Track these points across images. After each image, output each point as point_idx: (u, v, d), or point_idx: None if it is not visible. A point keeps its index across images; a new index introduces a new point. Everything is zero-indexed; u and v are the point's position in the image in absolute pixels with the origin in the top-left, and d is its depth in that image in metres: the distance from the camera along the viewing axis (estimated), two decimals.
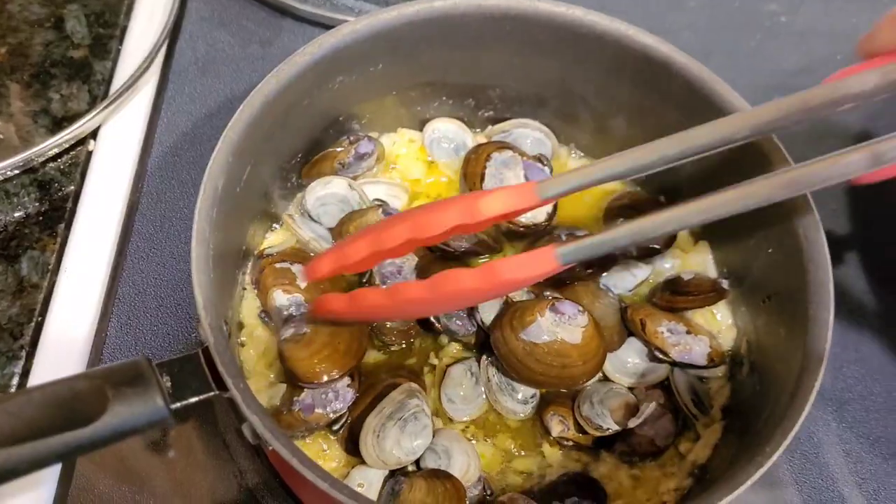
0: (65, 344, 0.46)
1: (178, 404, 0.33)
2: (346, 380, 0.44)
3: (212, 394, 0.34)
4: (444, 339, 0.47)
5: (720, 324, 0.49)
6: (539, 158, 0.52)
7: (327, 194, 0.48)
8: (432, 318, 0.46)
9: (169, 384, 0.33)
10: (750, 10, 0.68)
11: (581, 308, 0.45)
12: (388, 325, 0.46)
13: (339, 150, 0.49)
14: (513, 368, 0.45)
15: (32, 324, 0.46)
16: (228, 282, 0.44)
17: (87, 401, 0.31)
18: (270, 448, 0.34)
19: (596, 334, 0.45)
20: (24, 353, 0.45)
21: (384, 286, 0.46)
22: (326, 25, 0.59)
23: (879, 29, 0.36)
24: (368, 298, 0.38)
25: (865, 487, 0.49)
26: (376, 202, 0.49)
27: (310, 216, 0.49)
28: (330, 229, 0.49)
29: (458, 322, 0.47)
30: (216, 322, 0.35)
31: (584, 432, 0.45)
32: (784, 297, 0.44)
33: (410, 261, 0.47)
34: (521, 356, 0.44)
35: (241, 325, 0.46)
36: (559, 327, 0.44)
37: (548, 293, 0.48)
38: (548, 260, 0.36)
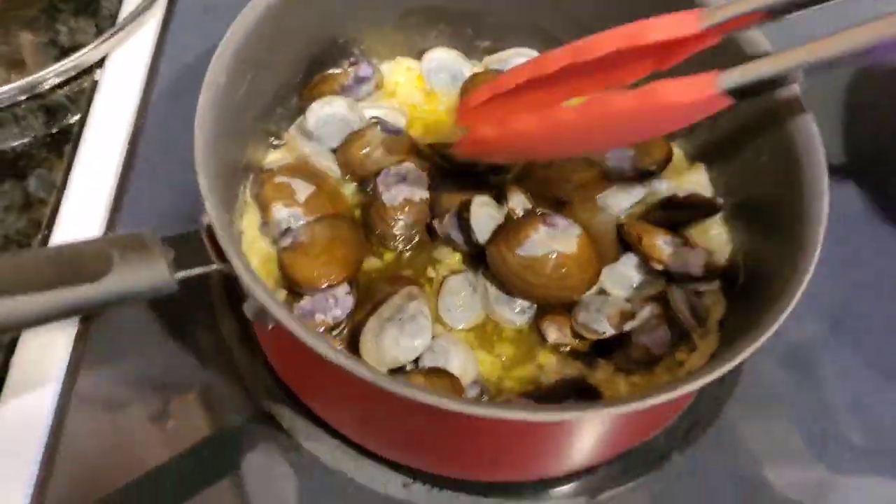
0: None
1: (182, 273, 0.34)
2: (346, 286, 0.44)
3: (214, 266, 0.35)
4: (440, 251, 0.48)
5: (715, 239, 0.50)
6: None
7: (329, 114, 0.49)
8: (435, 223, 0.47)
9: (173, 255, 0.34)
10: None
11: (572, 220, 0.46)
12: (393, 230, 0.47)
13: (338, 72, 0.50)
14: (513, 285, 0.45)
15: (39, 237, 0.47)
16: (230, 194, 0.45)
17: (93, 261, 0.32)
18: (271, 327, 0.35)
19: (590, 243, 0.46)
20: None
21: (387, 192, 0.46)
22: None
23: None
24: (521, 122, 0.36)
25: (861, 405, 0.50)
26: (373, 119, 0.50)
27: (311, 135, 0.50)
28: (331, 149, 0.50)
29: (457, 233, 0.47)
30: (219, 202, 0.36)
31: (581, 338, 0.46)
32: (779, 208, 0.45)
33: (414, 172, 0.48)
34: (519, 272, 0.45)
35: (241, 236, 0.46)
36: (553, 240, 0.45)
37: (539, 210, 0.48)
38: (708, 84, 0.34)
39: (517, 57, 0.54)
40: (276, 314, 0.33)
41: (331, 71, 0.51)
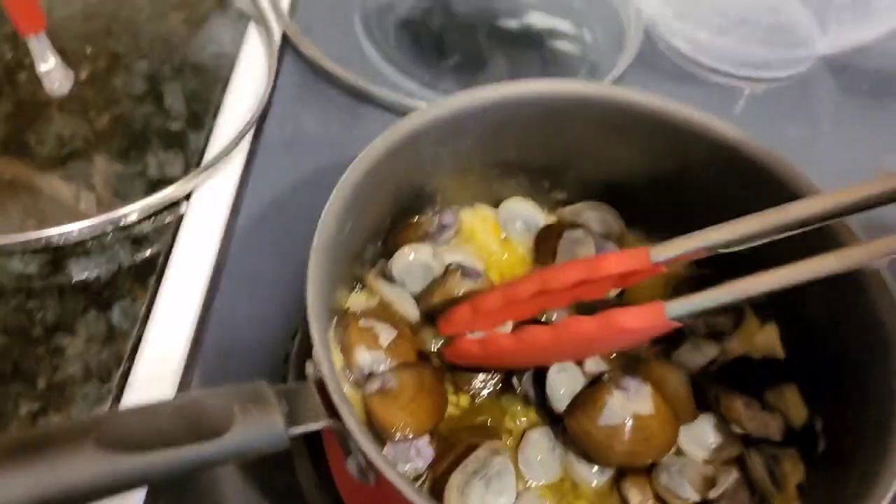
0: (150, 391, 0.47)
1: (295, 429, 0.34)
2: (427, 437, 0.44)
3: (327, 422, 0.35)
4: (515, 405, 0.48)
5: (791, 402, 0.50)
6: (608, 237, 0.54)
7: (413, 261, 0.51)
8: (514, 381, 0.47)
9: (287, 409, 0.34)
10: None
11: (640, 379, 0.46)
12: (475, 376, 0.47)
13: (423, 219, 0.52)
14: (598, 454, 0.45)
15: (121, 369, 0.48)
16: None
17: (216, 415, 0.31)
18: (377, 481, 0.34)
19: (664, 400, 0.46)
20: (111, 398, 0.46)
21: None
22: (403, 113, 0.63)
23: None
24: (499, 343, 0.41)
25: None
26: (453, 264, 0.51)
27: (393, 280, 0.51)
28: (413, 294, 0.51)
29: (534, 394, 0.47)
30: (329, 357, 0.36)
31: (664, 502, 0.45)
32: (858, 368, 0.45)
33: None
34: (604, 441, 0.44)
35: None
36: (629, 402, 0.45)
37: (606, 374, 0.49)
38: (657, 313, 0.39)
39: (590, 210, 0.56)
40: (388, 475, 0.33)
41: (416, 218, 0.52)
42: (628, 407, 0.45)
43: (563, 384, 0.47)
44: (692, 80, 0.75)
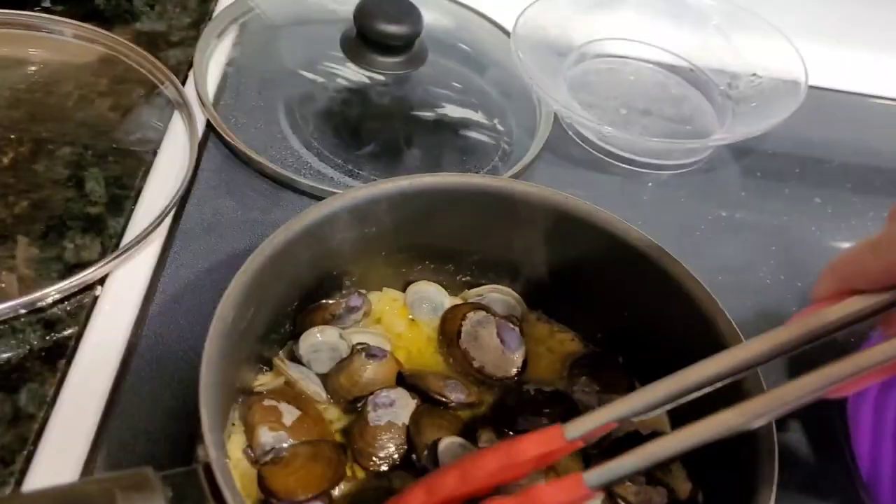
0: (54, 474, 0.48)
1: None
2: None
3: None
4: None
5: (677, 476, 0.52)
6: (509, 318, 0.57)
7: (320, 342, 0.53)
8: (413, 457, 0.49)
9: (171, 494, 0.35)
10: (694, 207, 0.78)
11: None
12: (375, 450, 0.49)
13: (331, 302, 0.54)
14: None
15: (24, 452, 0.48)
16: (223, 419, 0.47)
17: (97, 503, 0.33)
18: None
19: None
20: (13, 481, 0.47)
21: (374, 412, 0.50)
22: (322, 198, 0.66)
23: (820, 283, 0.40)
24: None
25: None
26: (359, 345, 0.53)
27: (300, 361, 0.52)
28: (319, 375, 0.52)
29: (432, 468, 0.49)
30: (219, 441, 0.38)
31: None
32: (733, 446, 0.48)
33: (404, 398, 0.51)
34: None
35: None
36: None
37: None
38: (577, 484, 0.41)
39: (493, 292, 0.59)
40: None
41: (324, 301, 0.54)
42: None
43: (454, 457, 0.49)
44: (601, 167, 0.79)
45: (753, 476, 0.44)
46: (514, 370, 0.56)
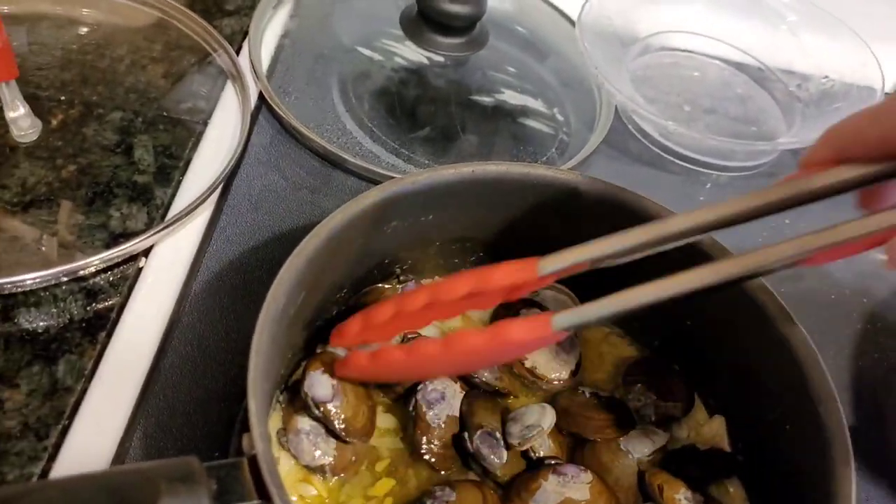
0: (88, 450, 0.46)
1: None
2: None
3: (255, 502, 0.34)
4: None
5: (735, 497, 0.50)
6: None
7: None
8: (466, 440, 0.47)
9: (216, 487, 0.34)
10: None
11: (583, 467, 0.47)
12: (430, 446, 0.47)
13: (386, 286, 0.52)
14: None
15: (59, 426, 0.47)
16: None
17: (140, 492, 0.31)
18: None
19: (604, 489, 0.46)
20: (46, 455, 0.45)
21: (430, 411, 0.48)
22: (372, 180, 0.64)
23: (815, 148, 0.40)
24: (390, 356, 0.43)
25: None
26: (407, 334, 0.51)
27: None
28: None
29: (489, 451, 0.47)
30: (265, 433, 0.36)
31: None
32: (801, 469, 0.45)
33: (452, 386, 0.49)
34: None
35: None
36: (565, 487, 0.46)
37: (552, 461, 0.49)
38: (545, 324, 0.40)
39: (548, 290, 0.57)
40: None
41: (379, 285, 0.52)
42: (562, 492, 0.45)
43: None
44: (659, 165, 0.76)
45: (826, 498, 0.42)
46: (567, 374, 0.53)
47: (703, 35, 0.87)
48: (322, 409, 0.44)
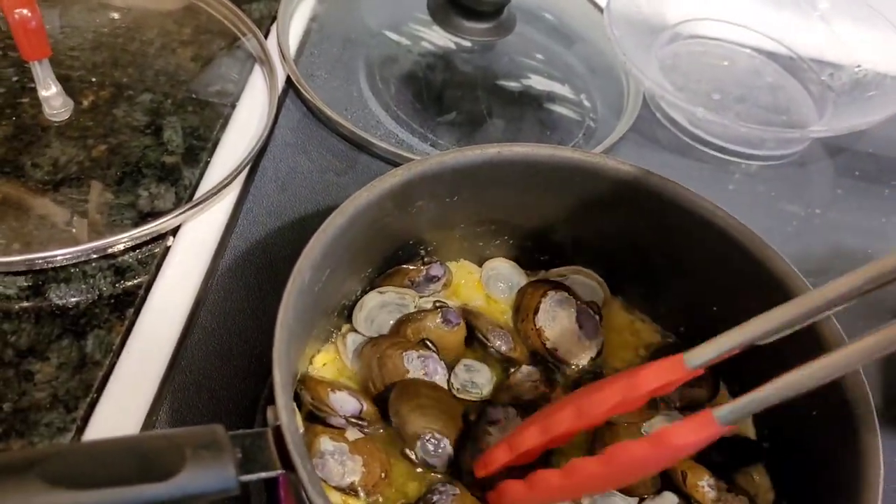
0: (115, 423, 0.47)
1: (247, 477, 0.33)
2: None
3: (279, 472, 0.34)
4: None
5: (760, 485, 0.49)
6: (590, 305, 0.54)
7: (385, 300, 0.51)
8: None
9: (240, 455, 0.34)
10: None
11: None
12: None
13: (411, 267, 0.52)
14: None
15: (88, 399, 0.47)
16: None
17: (167, 456, 0.31)
18: None
19: None
20: (74, 427, 0.46)
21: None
22: (397, 164, 0.64)
23: None
24: (547, 481, 0.40)
25: None
26: (437, 303, 0.51)
27: (363, 327, 0.50)
28: (381, 336, 0.50)
29: None
30: (289, 404, 0.36)
31: None
32: (828, 455, 0.45)
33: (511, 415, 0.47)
34: None
35: None
36: None
37: None
38: (708, 422, 0.38)
39: (576, 274, 0.56)
40: None
41: (404, 266, 0.52)
42: None
43: None
44: (687, 152, 0.75)
45: (854, 487, 0.41)
46: (588, 359, 0.53)
47: (734, 23, 0.86)
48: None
